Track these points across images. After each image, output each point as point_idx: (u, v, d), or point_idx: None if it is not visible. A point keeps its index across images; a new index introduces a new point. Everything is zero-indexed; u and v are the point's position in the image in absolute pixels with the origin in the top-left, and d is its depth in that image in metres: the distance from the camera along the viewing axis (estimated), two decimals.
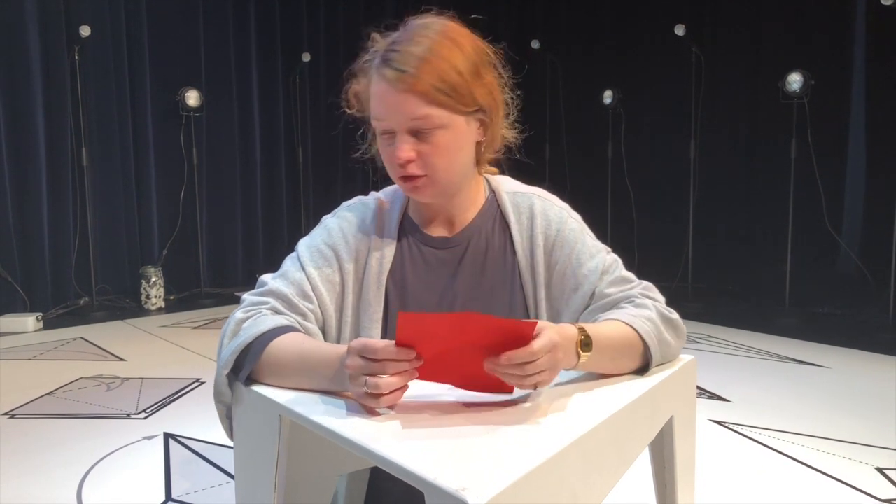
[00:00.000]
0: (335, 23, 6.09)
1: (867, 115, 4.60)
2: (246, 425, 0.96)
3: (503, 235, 1.14)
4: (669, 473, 1.04)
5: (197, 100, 5.11)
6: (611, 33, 6.00)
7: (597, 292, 1.08)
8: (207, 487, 2.19)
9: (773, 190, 4.86)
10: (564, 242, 1.12)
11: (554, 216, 1.14)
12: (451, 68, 0.99)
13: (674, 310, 1.07)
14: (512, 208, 1.14)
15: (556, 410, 0.85)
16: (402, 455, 0.70)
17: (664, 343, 1.01)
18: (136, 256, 5.15)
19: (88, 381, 3.29)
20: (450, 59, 0.99)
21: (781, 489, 2.16)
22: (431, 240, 1.13)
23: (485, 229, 1.14)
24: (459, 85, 1.00)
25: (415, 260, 1.12)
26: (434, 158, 1.02)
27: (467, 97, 1.01)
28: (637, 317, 1.01)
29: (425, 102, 0.98)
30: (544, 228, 1.12)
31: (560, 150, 6.20)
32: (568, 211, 1.16)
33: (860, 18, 4.60)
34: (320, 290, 1.06)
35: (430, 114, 0.99)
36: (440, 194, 1.08)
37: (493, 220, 1.15)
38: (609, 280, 1.09)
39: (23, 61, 4.51)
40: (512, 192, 1.16)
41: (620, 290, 1.08)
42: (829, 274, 4.78)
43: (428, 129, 1.00)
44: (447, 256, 1.12)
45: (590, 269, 1.10)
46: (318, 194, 6.07)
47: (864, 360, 3.54)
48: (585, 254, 1.11)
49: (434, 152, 1.01)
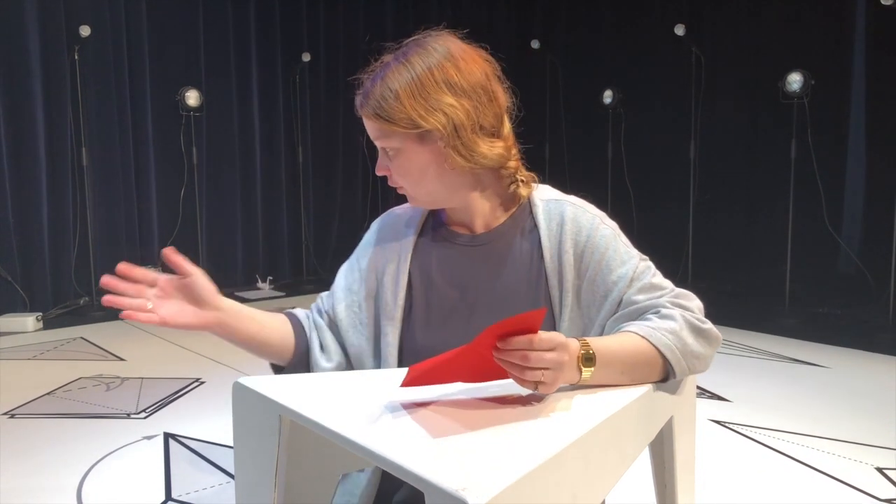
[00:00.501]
0: (335, 23, 6.09)
1: (867, 115, 4.60)
2: (246, 425, 0.96)
3: (532, 240, 1.13)
4: (669, 473, 1.04)
5: (197, 100, 5.11)
6: (611, 33, 6.01)
7: (625, 299, 1.05)
8: (207, 487, 2.19)
9: (773, 190, 4.86)
10: (595, 248, 1.09)
11: (585, 222, 1.11)
12: (388, 92, 1.03)
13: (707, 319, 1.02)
14: (543, 215, 1.13)
15: (556, 410, 0.85)
16: (402, 455, 0.70)
17: (690, 356, 0.98)
18: (135, 256, 5.14)
19: (88, 380, 3.29)
20: (390, 81, 1.03)
21: (781, 489, 2.16)
22: (457, 237, 1.16)
23: (513, 233, 1.14)
24: (393, 108, 1.03)
25: (440, 257, 1.15)
26: (402, 177, 1.09)
27: (403, 119, 1.02)
28: (657, 329, 0.97)
29: (381, 128, 1.05)
30: (574, 234, 1.10)
31: (560, 150, 6.20)
32: (602, 218, 1.13)
33: (860, 18, 4.61)
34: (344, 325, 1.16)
35: (385, 137, 1.06)
36: (428, 204, 1.14)
37: (524, 225, 1.14)
38: (638, 286, 1.05)
39: (23, 61, 4.52)
40: (546, 200, 1.15)
41: (649, 298, 1.04)
42: (829, 274, 4.78)
43: (390, 152, 1.07)
44: (471, 254, 1.14)
45: (619, 275, 1.06)
46: (317, 194, 6.07)
47: (864, 360, 3.54)
48: (616, 260, 1.08)
49: (397, 171, 1.09)
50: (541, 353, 0.82)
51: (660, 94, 5.57)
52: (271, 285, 5.61)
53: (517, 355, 0.81)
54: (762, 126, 5.08)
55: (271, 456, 0.90)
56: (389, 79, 1.03)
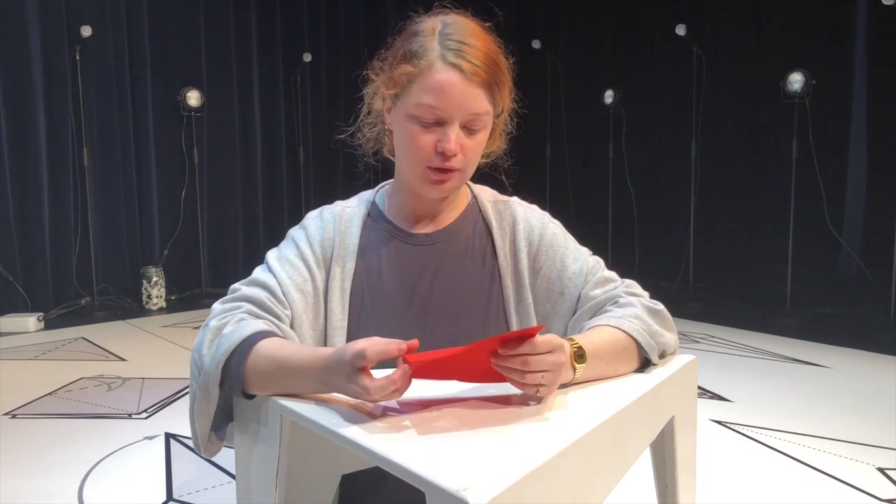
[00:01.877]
0: (336, 22, 6.09)
1: (868, 115, 4.59)
2: (247, 425, 0.96)
3: (484, 239, 1.14)
4: (670, 473, 1.04)
5: (198, 100, 5.11)
6: (612, 33, 6.00)
7: (582, 295, 1.10)
8: (208, 487, 2.19)
9: (775, 190, 4.86)
10: (549, 247, 1.14)
11: (536, 222, 1.15)
12: (502, 63, 1.03)
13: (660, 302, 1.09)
14: (494, 214, 1.16)
15: (556, 410, 0.85)
16: (402, 455, 0.70)
17: (656, 335, 1.02)
18: (137, 256, 5.15)
19: (89, 381, 3.29)
20: (500, 56, 1.03)
21: (782, 489, 2.16)
22: (411, 237, 1.13)
23: (465, 231, 1.14)
24: (504, 85, 1.03)
25: (391, 260, 1.11)
26: (473, 154, 1.04)
27: (503, 98, 1.05)
28: (623, 317, 1.01)
29: (487, 100, 1.01)
30: (527, 234, 1.14)
31: (561, 149, 6.20)
32: (549, 218, 1.18)
33: (861, 18, 4.60)
34: (293, 295, 1.05)
35: (488, 110, 1.02)
36: (456, 190, 1.09)
37: (475, 223, 1.15)
38: (593, 282, 1.11)
39: (24, 61, 4.52)
40: (493, 201, 1.18)
41: (605, 291, 1.10)
42: (831, 274, 4.77)
43: (476, 127, 1.02)
44: (426, 254, 1.12)
45: (574, 271, 1.12)
46: (319, 194, 6.07)
47: (866, 360, 3.54)
48: (569, 257, 1.13)
49: (475, 148, 1.04)
50: (541, 356, 0.82)
51: (661, 93, 5.56)
52: None
53: (517, 361, 0.82)
54: (763, 126, 5.07)
55: (272, 456, 0.90)
56: (501, 60, 1.02)
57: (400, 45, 1.05)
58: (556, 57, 6.04)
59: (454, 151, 1.00)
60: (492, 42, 1.03)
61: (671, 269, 5.25)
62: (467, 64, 0.98)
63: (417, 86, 1.00)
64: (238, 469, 1.01)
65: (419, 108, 1.00)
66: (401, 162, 1.08)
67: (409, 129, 1.01)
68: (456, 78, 0.98)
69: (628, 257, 5.70)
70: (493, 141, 1.12)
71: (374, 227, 1.14)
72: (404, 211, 1.14)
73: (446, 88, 0.98)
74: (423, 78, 0.99)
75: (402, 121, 1.03)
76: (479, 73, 0.98)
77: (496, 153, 1.16)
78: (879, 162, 4.54)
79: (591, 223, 5.51)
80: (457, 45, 0.99)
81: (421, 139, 1.01)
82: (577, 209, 5.75)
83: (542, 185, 6.00)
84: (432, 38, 1.01)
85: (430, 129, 1.01)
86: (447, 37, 1.00)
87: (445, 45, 0.99)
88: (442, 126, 1.00)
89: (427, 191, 1.06)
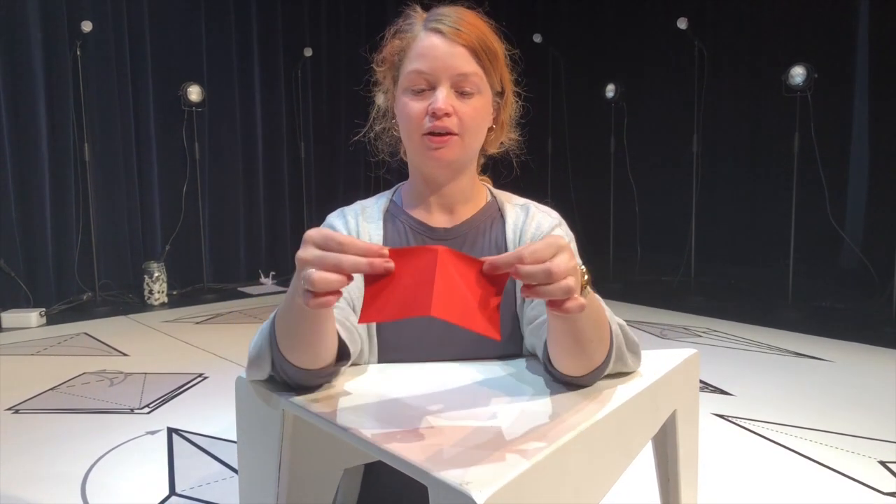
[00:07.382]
0: (337, 17, 6.08)
1: (870, 109, 4.59)
2: (249, 420, 0.96)
3: (500, 237, 1.15)
4: (672, 467, 1.04)
5: (199, 95, 5.11)
6: (613, 27, 5.99)
7: None
8: (211, 482, 2.19)
9: (776, 184, 4.85)
10: None
11: (546, 224, 1.15)
12: (491, 37, 1.05)
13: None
14: (510, 214, 1.16)
15: (558, 404, 0.85)
16: (405, 449, 0.70)
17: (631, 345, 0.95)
18: (138, 252, 5.16)
19: (92, 376, 3.30)
20: (489, 31, 1.06)
21: (784, 483, 2.17)
22: (430, 230, 1.13)
23: (483, 227, 1.15)
24: (495, 55, 1.05)
25: None
26: (469, 120, 1.03)
27: (498, 72, 1.07)
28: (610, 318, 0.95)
29: (474, 60, 1.03)
30: (534, 231, 1.14)
31: (562, 144, 6.19)
32: (564, 225, 1.17)
33: (863, 12, 4.59)
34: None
35: (476, 72, 1.03)
36: (459, 158, 1.06)
37: (492, 220, 1.16)
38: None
39: (25, 56, 4.52)
40: (511, 202, 1.19)
41: None
42: (832, 268, 4.78)
43: (468, 91, 1.03)
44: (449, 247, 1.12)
45: None
46: (320, 189, 6.07)
47: (868, 354, 3.54)
48: None
49: (471, 114, 1.03)
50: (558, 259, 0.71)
51: (662, 87, 5.55)
52: (274, 280, 5.62)
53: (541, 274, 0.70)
54: (765, 120, 5.07)
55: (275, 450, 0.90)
56: (487, 30, 1.05)
57: (392, 31, 1.10)
58: (557, 51, 6.03)
59: (444, 110, 1.01)
60: (481, 21, 1.06)
61: (673, 262, 5.25)
62: (447, 28, 1.02)
63: (407, 59, 1.05)
64: (240, 463, 1.01)
65: (409, 78, 1.03)
66: (405, 143, 1.10)
67: (404, 101, 1.05)
68: (438, 40, 1.02)
69: (630, 251, 5.70)
70: (502, 129, 1.14)
71: (394, 221, 1.15)
72: (422, 204, 1.14)
73: (429, 51, 1.02)
74: (410, 49, 1.05)
75: (400, 98, 1.06)
76: (461, 34, 1.02)
77: (508, 144, 1.17)
78: (881, 156, 4.53)
79: (593, 217, 5.51)
80: (438, 17, 1.04)
81: (415, 107, 1.03)
82: (579, 203, 5.75)
83: (543, 179, 5.99)
84: (420, 18, 1.07)
85: (422, 95, 1.03)
86: (432, 12, 1.06)
87: (429, 17, 1.05)
88: (434, 91, 1.03)
89: (428, 162, 1.06)
